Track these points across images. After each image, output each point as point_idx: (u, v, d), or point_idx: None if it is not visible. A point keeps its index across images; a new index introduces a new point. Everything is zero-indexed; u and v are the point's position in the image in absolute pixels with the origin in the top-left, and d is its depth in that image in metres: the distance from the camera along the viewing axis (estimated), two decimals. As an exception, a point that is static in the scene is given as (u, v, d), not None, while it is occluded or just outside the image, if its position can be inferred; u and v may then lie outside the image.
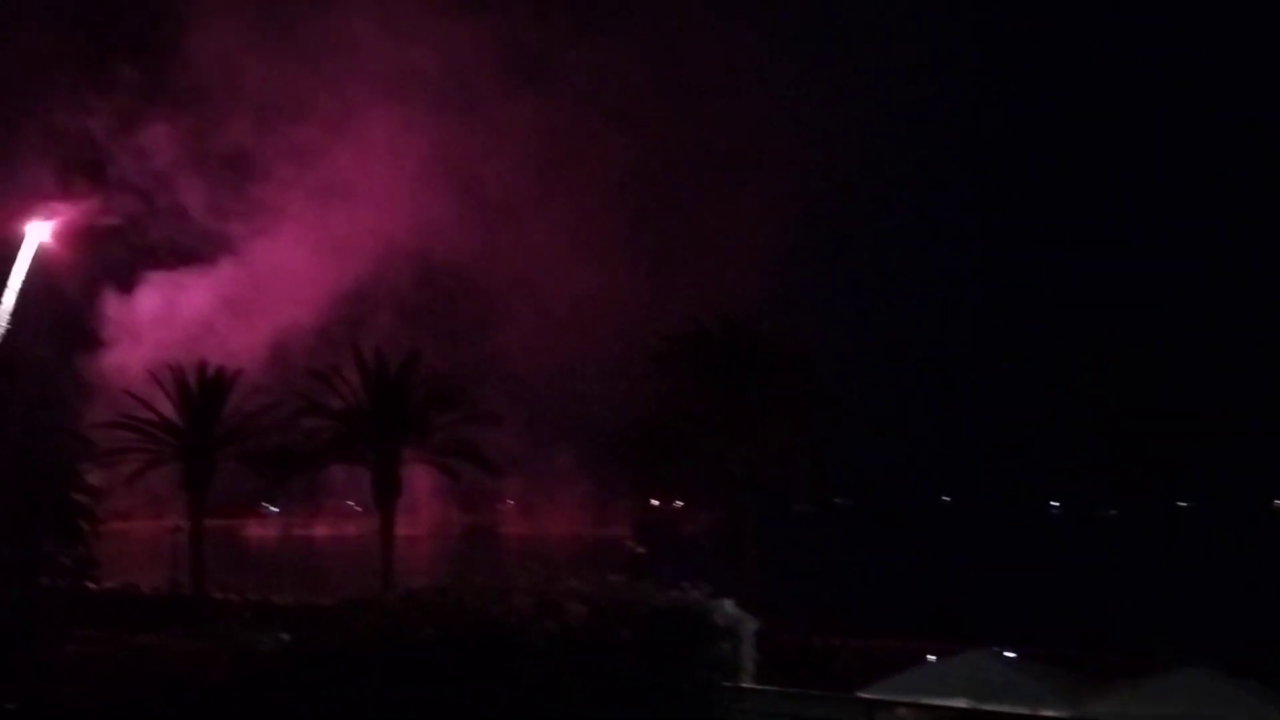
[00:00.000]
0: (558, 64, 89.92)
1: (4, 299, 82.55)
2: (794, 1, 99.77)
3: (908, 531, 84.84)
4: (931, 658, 23.61)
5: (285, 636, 16.38)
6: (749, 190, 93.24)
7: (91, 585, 14.37)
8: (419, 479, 50.94)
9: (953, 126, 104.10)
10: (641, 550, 44.36)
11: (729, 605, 18.39)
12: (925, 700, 18.44)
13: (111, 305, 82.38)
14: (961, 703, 18.07)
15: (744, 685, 17.32)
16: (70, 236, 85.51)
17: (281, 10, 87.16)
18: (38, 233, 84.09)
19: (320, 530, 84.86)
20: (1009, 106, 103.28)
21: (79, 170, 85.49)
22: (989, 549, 71.87)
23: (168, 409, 45.00)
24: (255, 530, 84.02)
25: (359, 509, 71.82)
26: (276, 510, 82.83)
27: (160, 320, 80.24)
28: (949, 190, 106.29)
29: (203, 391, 44.56)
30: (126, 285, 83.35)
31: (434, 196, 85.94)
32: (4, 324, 79.36)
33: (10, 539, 11.76)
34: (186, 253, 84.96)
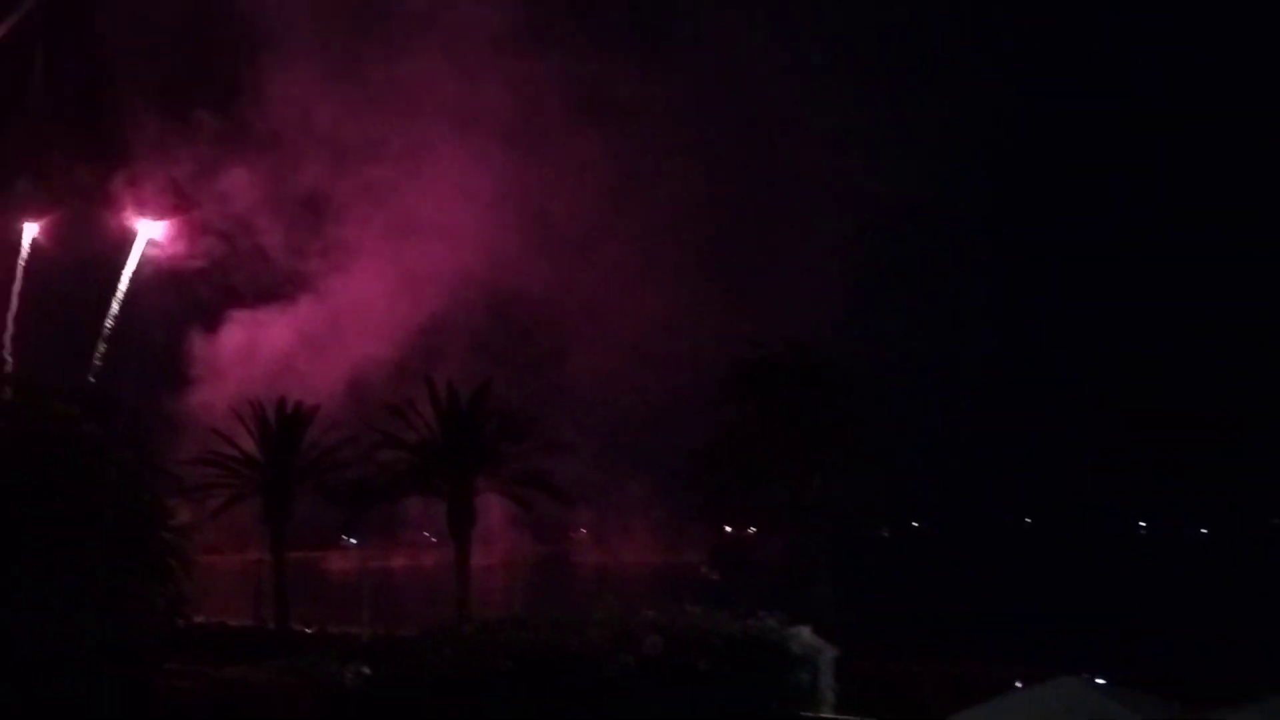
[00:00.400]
0: (624, 98, 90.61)
1: (116, 295, 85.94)
2: (860, 31, 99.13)
3: (988, 555, 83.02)
4: (1018, 684, 22.98)
5: (366, 670, 16.60)
6: (815, 217, 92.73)
7: (181, 621, 14.77)
8: (492, 509, 51.34)
9: (1021, 154, 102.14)
10: (716, 577, 44.10)
11: (806, 633, 18.17)
12: (1012, 730, 17.92)
13: (197, 344, 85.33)
14: (1050, 732, 17.52)
15: (823, 715, 17.11)
16: (159, 279, 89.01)
17: (354, 56, 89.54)
18: (148, 231, 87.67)
19: (398, 561, 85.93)
20: (1079, 133, 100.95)
21: (166, 217, 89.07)
22: (1074, 571, 70.01)
23: (250, 445, 46.14)
24: (335, 563, 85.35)
25: (434, 540, 72.60)
26: (355, 543, 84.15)
27: (243, 358, 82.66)
28: (1017, 214, 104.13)
29: (281, 427, 45.57)
30: (211, 324, 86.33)
31: (505, 230, 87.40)
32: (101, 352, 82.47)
33: (104, 578, 12.20)
34: (267, 292, 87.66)
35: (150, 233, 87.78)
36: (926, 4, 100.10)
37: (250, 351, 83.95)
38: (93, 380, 76.27)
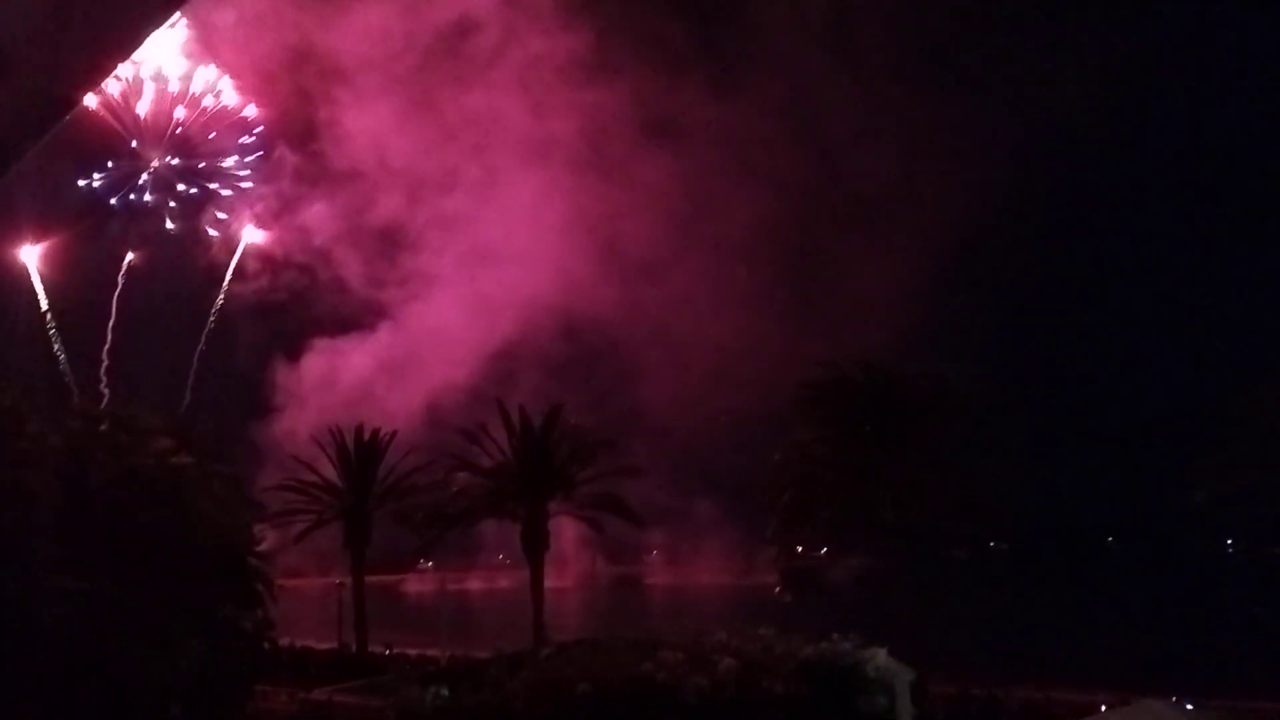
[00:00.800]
0: (692, 122, 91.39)
1: (217, 300, 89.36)
2: (928, 48, 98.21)
3: (1071, 576, 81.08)
4: (1103, 708, 22.55)
5: (445, 692, 16.91)
6: (887, 237, 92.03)
7: (267, 645, 15.35)
8: (566, 532, 51.83)
9: (1096, 165, 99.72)
10: (789, 599, 43.74)
11: (882, 655, 18.01)
12: (1095, 755, 17.63)
13: (281, 373, 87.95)
14: (1135, 758, 17.19)
15: (901, 739, 16.94)
16: (246, 311, 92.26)
17: (426, 92, 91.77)
18: (250, 236, 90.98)
19: (475, 584, 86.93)
20: (1157, 144, 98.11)
21: (250, 253, 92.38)
22: (1159, 592, 68.02)
23: (331, 471, 47.28)
24: (413, 586, 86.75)
25: (509, 562, 73.35)
26: (431, 565, 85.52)
27: (324, 385, 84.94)
28: (1092, 228, 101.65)
29: (359, 454, 46.60)
30: (294, 354, 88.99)
31: (577, 256, 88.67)
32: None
33: (199, 604, 12.77)
34: (347, 321, 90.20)
35: (252, 237, 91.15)
36: (998, 21, 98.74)
37: (331, 379, 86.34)
38: (184, 410, 79.24)
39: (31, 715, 11.65)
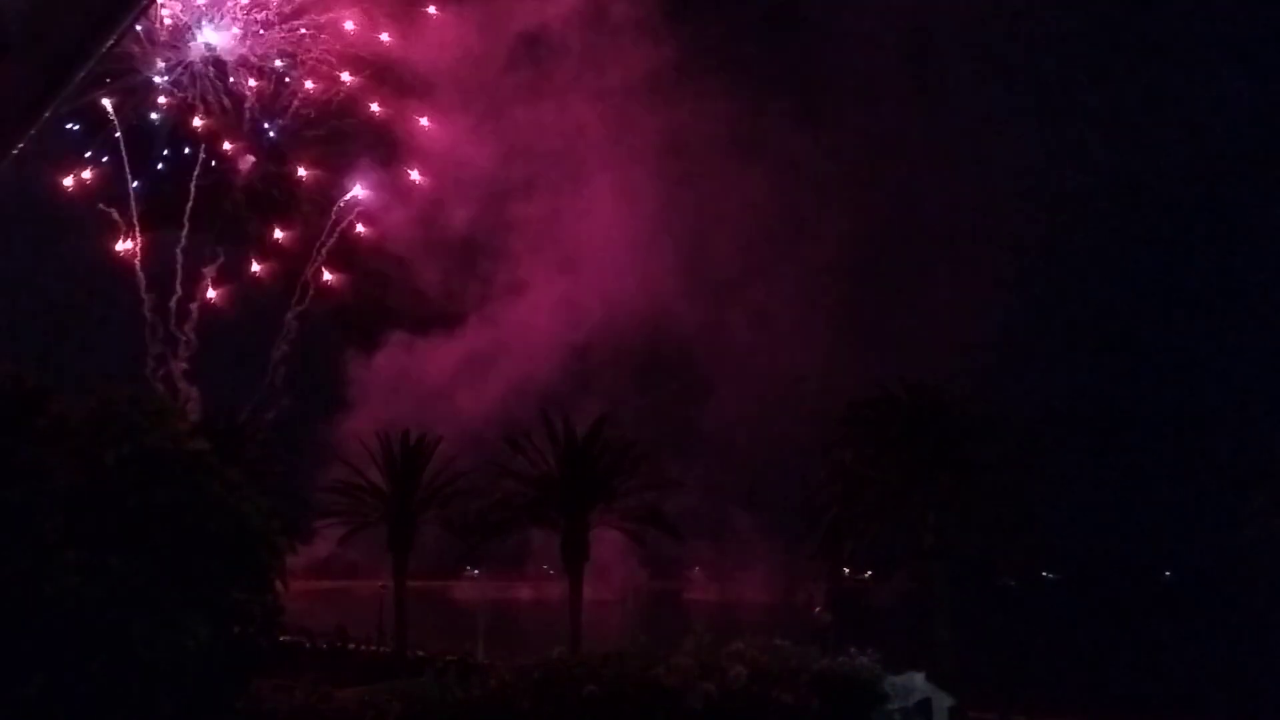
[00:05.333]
0: (779, 146, 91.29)
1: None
2: (1013, 82, 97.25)
3: (1124, 609, 79.14)
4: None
5: (458, 691, 16.96)
6: (965, 267, 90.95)
7: (279, 633, 15.54)
8: (608, 544, 51.64)
9: (1172, 199, 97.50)
10: (829, 619, 43.26)
11: (919, 678, 17.75)
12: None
13: (355, 372, 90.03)
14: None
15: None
16: (325, 315, 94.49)
17: (507, 105, 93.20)
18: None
19: (522, 593, 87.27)
20: (1241, 179, 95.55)
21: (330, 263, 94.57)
22: (1214, 628, 65.94)
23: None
24: (462, 592, 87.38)
25: (552, 572, 73.46)
26: (477, 573, 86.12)
27: (397, 385, 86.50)
28: (1162, 261, 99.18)
29: (405, 458, 46.97)
30: (369, 353, 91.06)
31: (656, 270, 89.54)
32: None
33: (206, 586, 12.98)
34: (425, 323, 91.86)
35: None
36: (1079, 53, 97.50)
37: (404, 379, 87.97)
38: (264, 408, 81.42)
39: (36, 686, 11.94)
